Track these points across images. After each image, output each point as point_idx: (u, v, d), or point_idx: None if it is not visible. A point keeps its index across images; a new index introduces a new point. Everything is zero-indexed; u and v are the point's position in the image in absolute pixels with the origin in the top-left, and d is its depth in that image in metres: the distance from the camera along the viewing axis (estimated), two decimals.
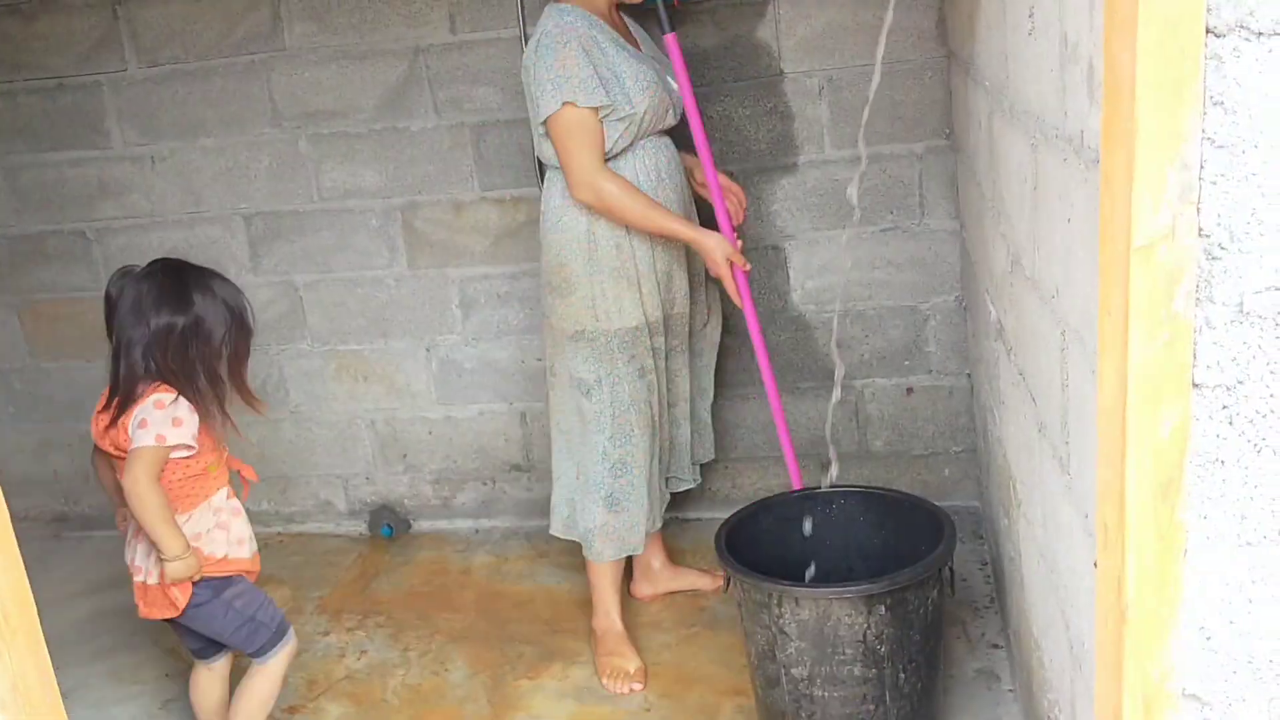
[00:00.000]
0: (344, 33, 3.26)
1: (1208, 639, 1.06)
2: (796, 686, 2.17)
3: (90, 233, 3.60)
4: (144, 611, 2.31)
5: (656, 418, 2.71)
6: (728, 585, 2.29)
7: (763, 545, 2.37)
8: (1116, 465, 1.05)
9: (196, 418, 2.21)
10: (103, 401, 2.25)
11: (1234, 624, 1.05)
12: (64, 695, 1.15)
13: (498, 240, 3.33)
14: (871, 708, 2.15)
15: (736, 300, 2.59)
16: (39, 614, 1.12)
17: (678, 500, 3.47)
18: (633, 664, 2.68)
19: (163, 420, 2.17)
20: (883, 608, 2.08)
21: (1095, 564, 1.17)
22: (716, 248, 2.54)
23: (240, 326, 2.28)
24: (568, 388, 2.68)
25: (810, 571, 2.44)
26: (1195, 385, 1.00)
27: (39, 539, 3.77)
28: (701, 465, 3.10)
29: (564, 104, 2.44)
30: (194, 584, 2.24)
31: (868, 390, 3.28)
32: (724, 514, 2.45)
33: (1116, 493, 1.05)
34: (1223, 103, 0.93)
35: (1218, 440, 1.01)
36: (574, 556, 3.10)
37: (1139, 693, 1.08)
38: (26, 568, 1.09)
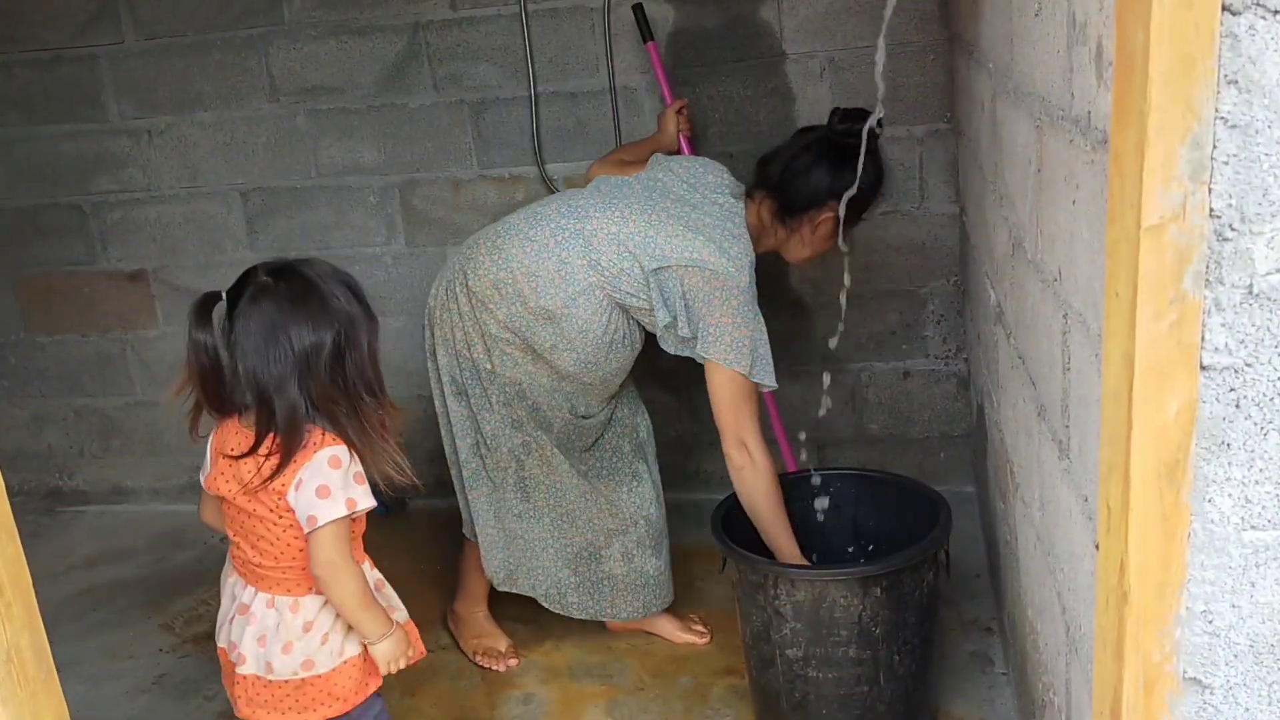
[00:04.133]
0: (343, 8, 3.23)
1: (1210, 622, 1.06)
2: (791, 667, 2.17)
3: (86, 206, 3.58)
4: (247, 713, 1.87)
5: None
6: (723, 566, 2.29)
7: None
8: (1121, 447, 1.04)
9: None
10: (235, 446, 1.79)
11: (1236, 607, 1.05)
12: (58, 669, 1.15)
13: (495, 219, 3.30)
14: (865, 689, 2.15)
15: None
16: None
17: (673, 481, 3.46)
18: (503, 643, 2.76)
19: (343, 481, 1.76)
20: (878, 590, 2.08)
21: (1096, 546, 1.17)
22: None
23: (366, 320, 1.90)
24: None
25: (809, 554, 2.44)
26: (1203, 367, 0.99)
27: (33, 513, 3.76)
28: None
29: (741, 371, 2.33)
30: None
31: (865, 374, 3.27)
32: (720, 495, 2.44)
33: (1120, 475, 1.05)
34: (1237, 81, 0.92)
35: (1224, 423, 1.01)
36: None
37: (1139, 675, 1.08)
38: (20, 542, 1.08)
